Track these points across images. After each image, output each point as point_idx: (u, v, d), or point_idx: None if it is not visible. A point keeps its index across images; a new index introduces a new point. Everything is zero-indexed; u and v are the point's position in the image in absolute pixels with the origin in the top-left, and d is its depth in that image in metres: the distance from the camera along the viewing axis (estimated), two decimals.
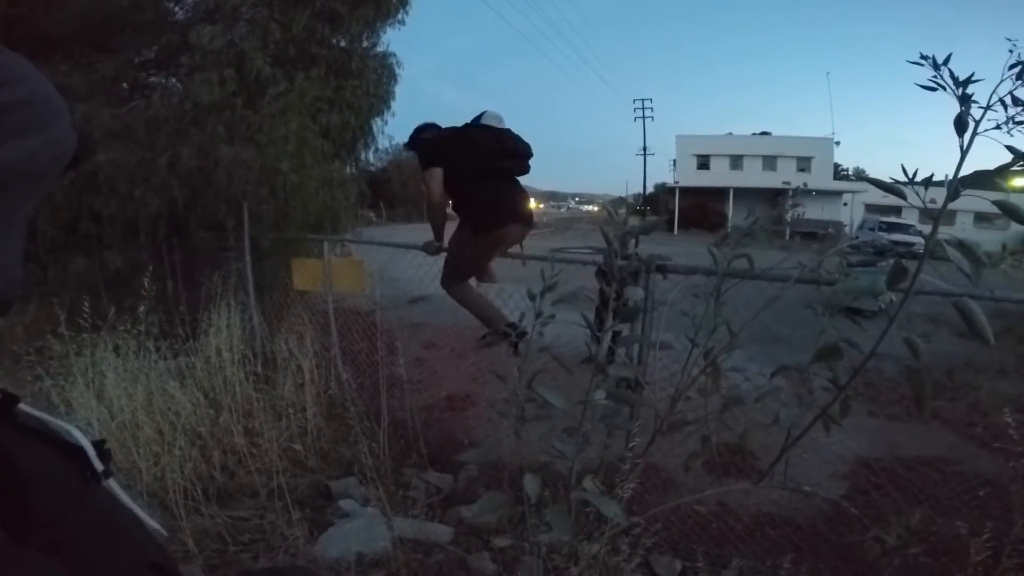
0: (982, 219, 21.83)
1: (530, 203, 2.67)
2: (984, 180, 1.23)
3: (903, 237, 16.96)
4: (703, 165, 32.18)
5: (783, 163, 30.58)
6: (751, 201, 25.68)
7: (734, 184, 30.25)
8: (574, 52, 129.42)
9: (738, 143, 32.46)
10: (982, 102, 1.16)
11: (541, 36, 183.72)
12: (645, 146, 35.79)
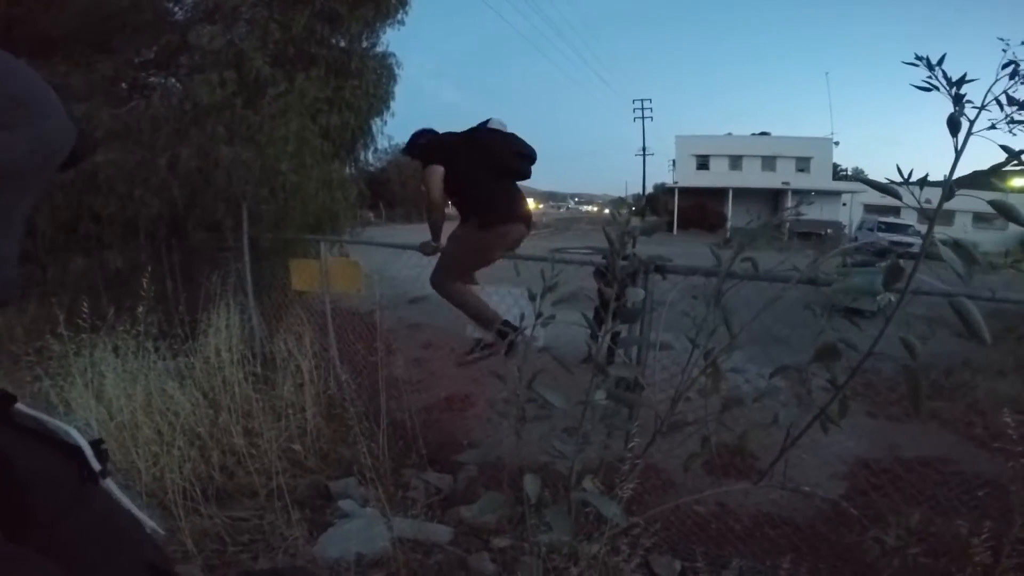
0: (981, 219, 21.84)
1: (528, 207, 2.70)
2: (982, 180, 1.23)
3: (901, 237, 16.93)
4: (702, 165, 32.16)
5: (782, 163, 30.56)
6: (750, 201, 25.70)
7: (733, 184, 30.23)
8: (574, 52, 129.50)
9: (737, 143, 32.44)
10: (979, 102, 1.16)
11: (541, 36, 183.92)
12: (645, 146, 35.79)
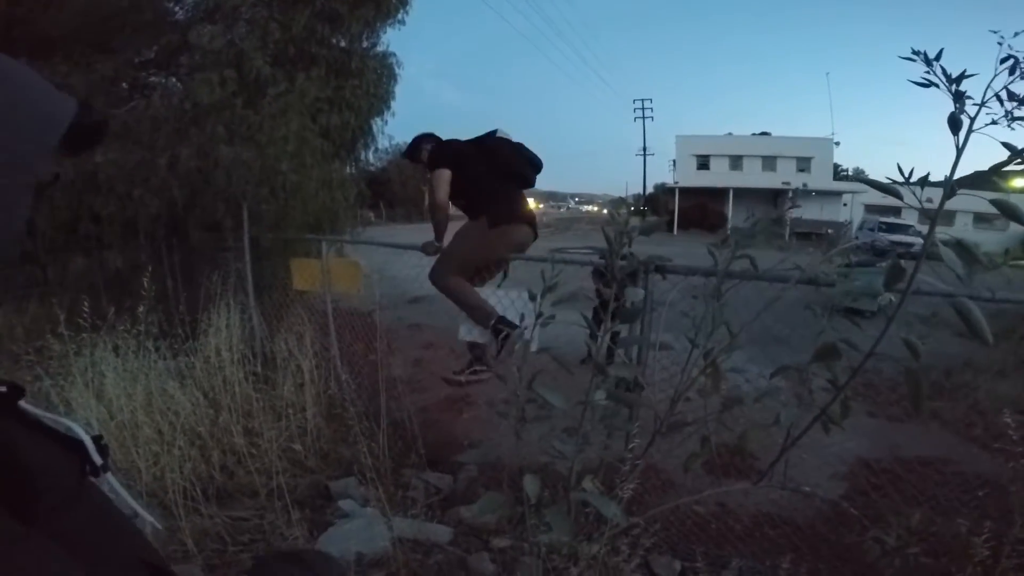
0: (982, 219, 21.83)
1: (532, 211, 2.76)
2: (983, 180, 1.22)
3: (903, 238, 16.94)
4: (703, 165, 32.15)
5: (783, 163, 30.54)
6: (751, 201, 25.72)
7: (734, 184, 30.23)
8: (574, 52, 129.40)
9: (738, 143, 32.42)
10: (979, 99, 1.15)
11: (541, 36, 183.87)
12: (645, 146, 35.84)
